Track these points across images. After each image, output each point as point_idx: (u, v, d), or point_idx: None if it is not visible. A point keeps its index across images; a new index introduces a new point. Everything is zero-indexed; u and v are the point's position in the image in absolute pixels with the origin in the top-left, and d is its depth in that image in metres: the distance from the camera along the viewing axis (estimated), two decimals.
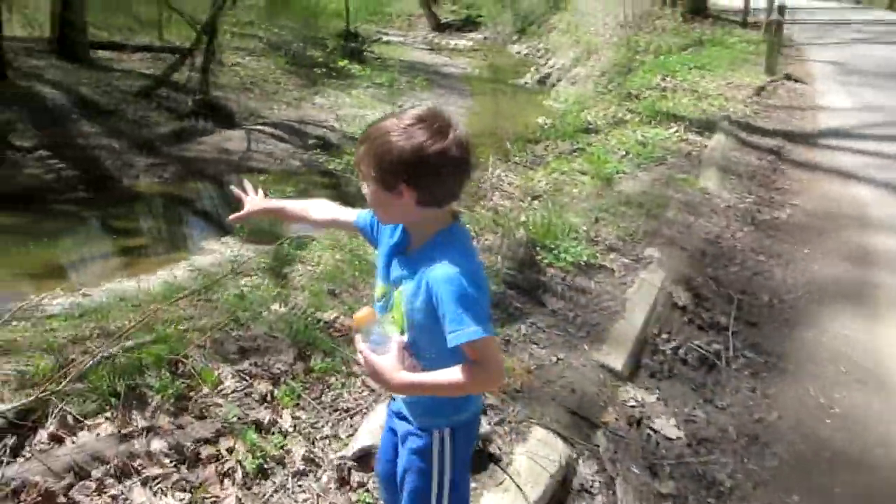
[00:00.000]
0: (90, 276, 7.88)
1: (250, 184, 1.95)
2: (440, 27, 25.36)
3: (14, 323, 5.20)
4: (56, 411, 2.56)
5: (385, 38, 20.50)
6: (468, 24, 25.30)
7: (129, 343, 3.08)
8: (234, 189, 1.95)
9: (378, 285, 1.62)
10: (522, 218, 4.14)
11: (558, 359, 3.11)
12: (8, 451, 2.35)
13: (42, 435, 2.44)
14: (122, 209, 9.63)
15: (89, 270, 8.25)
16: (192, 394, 2.61)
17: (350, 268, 4.15)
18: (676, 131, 7.56)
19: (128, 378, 2.66)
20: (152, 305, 4.04)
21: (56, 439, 2.42)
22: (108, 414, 2.54)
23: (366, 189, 1.48)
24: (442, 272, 1.39)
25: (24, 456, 2.38)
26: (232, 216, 1.90)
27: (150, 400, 2.58)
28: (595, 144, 7.05)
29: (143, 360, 2.67)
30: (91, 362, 2.74)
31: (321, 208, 1.85)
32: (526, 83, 17.30)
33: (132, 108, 11.98)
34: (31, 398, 2.56)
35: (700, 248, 4.74)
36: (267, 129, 12.46)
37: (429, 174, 1.38)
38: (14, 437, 2.45)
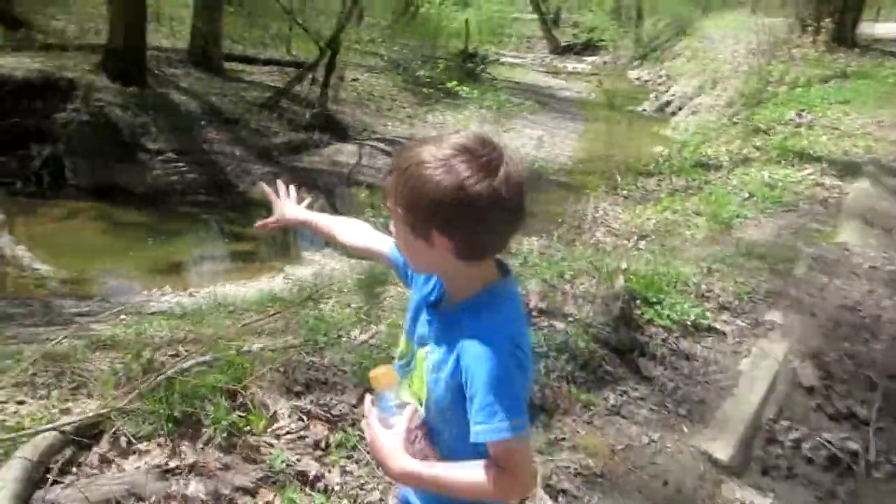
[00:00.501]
0: (198, 277, 8.22)
1: (283, 185, 1.71)
2: (559, 50, 25.04)
3: (123, 316, 5.44)
4: (112, 430, 2.49)
5: (502, 60, 20.44)
6: (588, 48, 24.82)
7: (201, 359, 3.03)
8: (265, 186, 1.72)
9: (402, 339, 1.35)
10: (624, 265, 3.75)
11: (651, 440, 2.70)
12: (58, 470, 2.30)
13: (94, 455, 2.38)
14: (236, 214, 10.00)
15: (198, 271, 8.60)
16: (246, 428, 2.46)
17: None
18: (811, 174, 6.80)
19: (186, 403, 2.57)
20: (228, 325, 4.02)
21: (105, 461, 2.35)
22: (160, 440, 2.44)
23: (393, 228, 1.22)
24: (477, 348, 1.11)
25: (74, 473, 2.32)
26: (259, 223, 1.71)
27: (203, 431, 2.46)
28: (715, 183, 6.50)
29: (204, 385, 2.56)
30: (154, 381, 2.67)
31: (354, 231, 1.58)
32: (643, 110, 16.63)
33: (255, 118, 12.52)
34: (92, 414, 2.52)
35: (835, 316, 4.04)
36: (378, 144, 12.65)
37: (470, 221, 1.08)
38: (70, 452, 2.41)
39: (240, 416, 2.49)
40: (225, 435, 2.42)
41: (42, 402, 3.42)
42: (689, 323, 3.60)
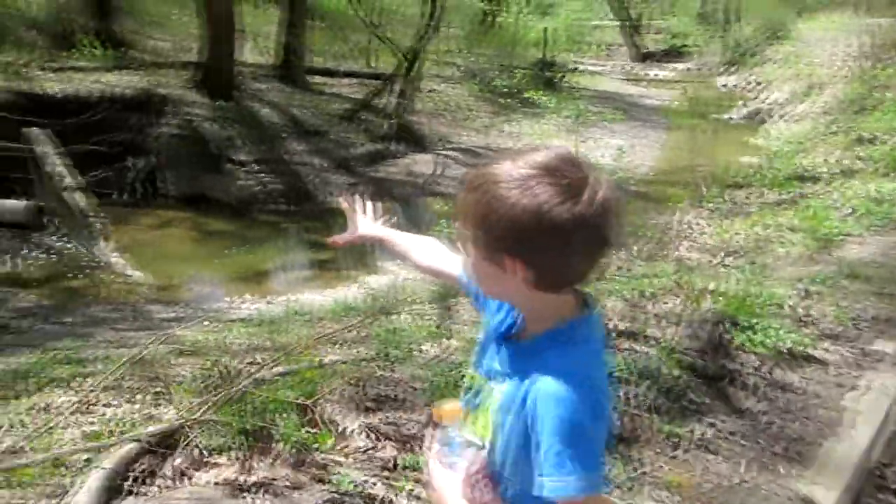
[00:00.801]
0: (277, 285, 8.43)
1: (361, 199, 1.64)
2: (641, 57, 24.40)
3: (206, 323, 5.62)
4: (187, 441, 2.52)
5: (582, 68, 20.10)
6: (672, 54, 24.06)
7: (274, 370, 3.04)
8: (344, 200, 1.64)
9: (470, 370, 1.22)
10: (711, 284, 3.51)
11: (742, 479, 2.46)
12: (133, 479, 2.33)
13: (169, 467, 2.40)
14: (315, 223, 10.21)
15: (278, 279, 8.82)
16: (316, 444, 2.43)
17: None
18: None
19: (258, 416, 2.57)
20: (303, 334, 4.05)
21: (180, 474, 2.37)
22: (233, 453, 2.45)
23: (463, 249, 1.11)
24: (551, 388, 0.99)
25: (150, 484, 2.35)
26: (334, 238, 1.62)
27: (273, 446, 2.45)
28: (812, 196, 6.08)
29: (274, 400, 2.55)
30: (228, 394, 2.69)
31: (427, 251, 1.49)
32: (731, 119, 15.91)
33: (335, 129, 12.80)
34: (169, 425, 2.55)
35: None
36: (454, 154, 12.66)
37: (547, 248, 0.98)
38: (146, 463, 2.44)
39: (309, 433, 2.46)
40: (294, 451, 2.40)
41: (128, 406, 3.53)
42: (785, 350, 3.29)
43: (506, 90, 9.41)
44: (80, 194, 8.56)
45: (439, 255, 1.48)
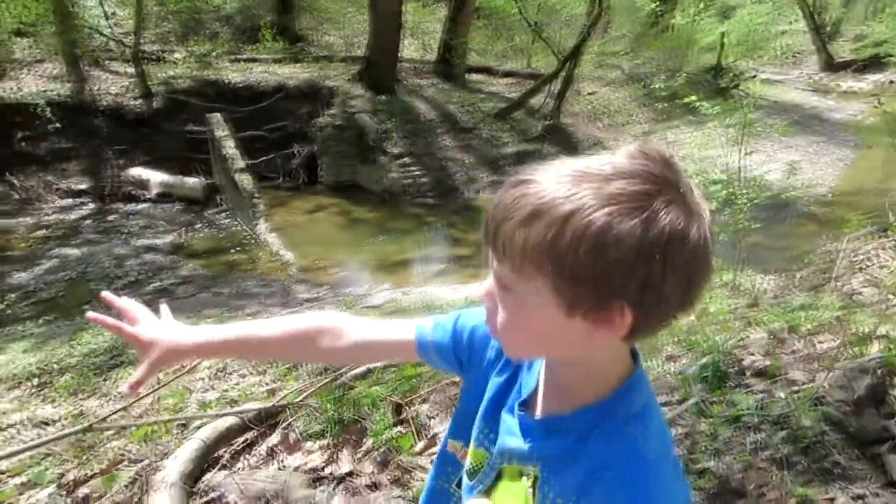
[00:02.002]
0: (415, 276, 8.59)
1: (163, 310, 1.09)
2: (832, 66, 22.05)
3: (343, 307, 5.82)
4: (286, 423, 2.56)
5: (761, 76, 18.55)
6: (870, 65, 21.50)
7: (374, 365, 3.03)
8: (97, 317, 1.05)
9: (469, 448, 0.96)
10: (883, 329, 2.99)
11: None
12: (230, 455, 2.40)
13: (264, 446, 2.45)
14: (458, 218, 10.30)
15: (416, 270, 8.97)
16: (402, 446, 2.36)
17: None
18: None
19: (355, 409, 2.55)
20: None
21: (272, 454, 2.40)
22: (324, 441, 2.45)
23: (498, 288, 0.78)
24: (639, 481, 0.76)
25: (243, 460, 2.41)
26: (126, 387, 1.03)
27: (364, 440, 2.41)
28: None
29: (367, 395, 2.52)
30: (329, 383, 2.70)
31: (334, 331, 1.03)
32: None
33: (488, 127, 12.82)
34: (270, 405, 2.61)
35: None
36: None
37: (676, 287, 0.72)
38: (244, 441, 2.51)
39: (400, 433, 2.40)
40: (383, 449, 2.34)
41: (258, 377, 3.72)
42: None
43: (668, 95, 8.87)
44: (248, 176, 9.25)
45: (357, 327, 1.03)
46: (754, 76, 17.65)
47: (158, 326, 1.03)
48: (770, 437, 2.26)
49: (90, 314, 1.05)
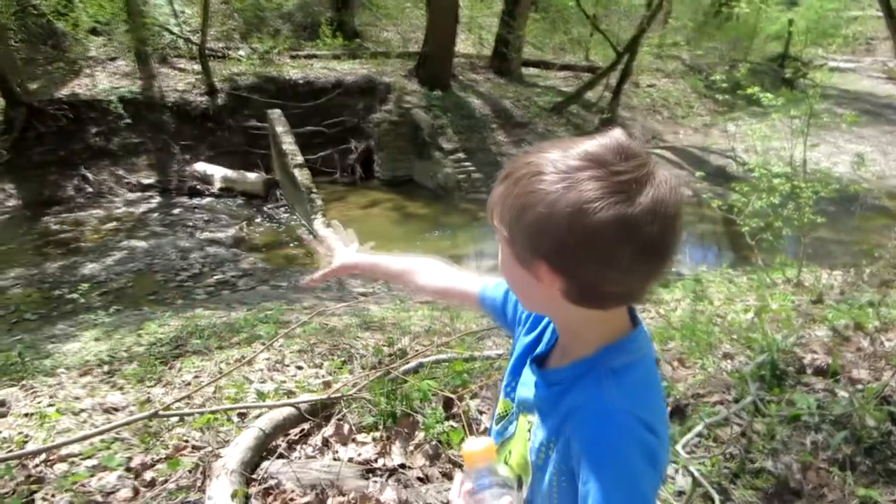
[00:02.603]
0: (469, 271, 8.61)
1: (335, 228, 1.49)
2: None
3: (398, 301, 5.90)
4: (340, 415, 2.62)
5: (831, 64, 17.78)
6: None
7: (427, 359, 3.07)
8: (309, 239, 1.51)
9: (500, 397, 1.07)
10: None
11: None
12: (287, 444, 2.47)
13: (318, 436, 2.52)
14: None
15: (469, 265, 8.98)
16: (453, 440, 2.39)
17: (707, 328, 3.41)
18: None
19: (407, 403, 2.59)
20: (476, 326, 4.04)
21: (326, 445, 2.47)
22: (376, 434, 2.50)
23: (500, 251, 0.91)
24: (594, 425, 0.83)
25: (299, 449, 2.48)
26: (310, 278, 1.48)
27: (417, 433, 2.45)
28: None
29: (419, 389, 2.56)
30: (383, 376, 2.75)
31: (430, 271, 1.33)
32: None
33: (543, 122, 12.73)
34: (325, 396, 2.68)
35: None
36: (666, 153, 11.93)
37: (588, 256, 0.79)
38: (300, 431, 2.58)
39: (451, 427, 2.43)
40: (434, 443, 2.38)
41: (314, 370, 3.82)
42: None
43: (730, 87, 8.61)
44: (305, 172, 9.45)
45: (445, 273, 1.32)
46: (824, 64, 16.92)
47: (342, 249, 1.45)
48: (831, 436, 2.19)
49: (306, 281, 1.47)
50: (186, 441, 2.50)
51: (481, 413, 2.52)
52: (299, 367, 3.87)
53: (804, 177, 5.03)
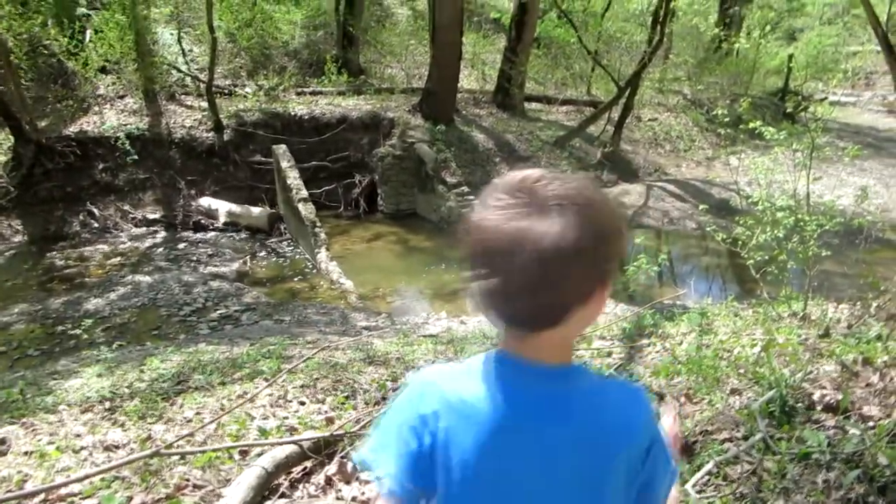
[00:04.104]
0: (473, 305, 8.58)
1: None
2: None
3: (402, 335, 5.86)
4: (343, 452, 2.59)
5: (831, 98, 17.96)
6: None
7: None
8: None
9: None
10: None
11: None
12: (289, 483, 2.44)
13: (321, 474, 2.48)
14: None
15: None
16: None
17: (714, 362, 3.38)
18: None
19: None
20: None
21: (329, 483, 2.43)
22: None
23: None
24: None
25: (301, 488, 2.44)
26: None
27: None
28: None
29: None
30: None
31: None
32: None
33: (546, 155, 12.82)
34: (328, 434, 2.65)
35: None
36: (669, 186, 11.98)
37: (474, 265, 0.97)
38: (303, 469, 2.55)
39: None
40: None
41: (317, 405, 3.78)
42: None
43: (731, 121, 8.73)
44: (310, 206, 9.51)
45: None
46: (824, 98, 17.09)
47: None
48: (843, 475, 2.14)
49: None
50: (188, 480, 2.46)
51: None
52: (302, 403, 3.83)
53: (808, 210, 5.03)
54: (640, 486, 0.95)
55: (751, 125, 6.30)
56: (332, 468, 2.49)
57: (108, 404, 3.70)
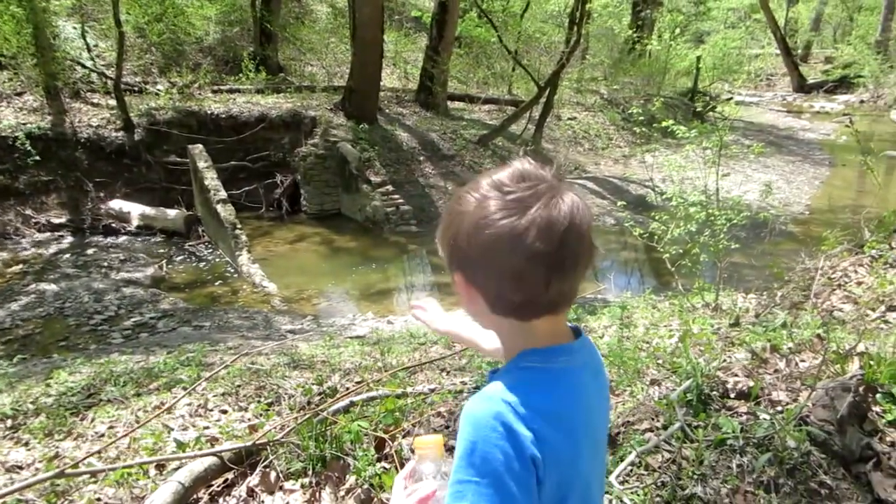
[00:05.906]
0: (398, 305, 8.53)
1: (429, 303, 1.58)
2: (804, 88, 22.58)
3: (327, 338, 5.75)
4: (266, 462, 2.50)
5: (736, 99, 18.94)
6: (841, 86, 22.04)
7: (358, 398, 2.98)
8: (416, 314, 1.59)
9: None
10: (863, 346, 3.00)
11: None
12: (208, 497, 2.33)
13: (243, 486, 2.39)
14: None
15: (399, 299, 8.92)
16: (385, 483, 2.31)
17: (635, 354, 3.47)
18: None
19: (337, 445, 2.50)
20: (410, 358, 3.98)
21: (251, 494, 2.34)
22: (305, 480, 2.39)
23: None
24: (470, 403, 0.92)
25: (222, 501, 2.34)
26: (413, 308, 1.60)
27: (348, 477, 2.36)
28: None
29: (349, 430, 2.47)
30: (309, 418, 2.65)
31: (492, 338, 1.45)
32: None
33: (469, 154, 12.91)
34: (249, 443, 2.55)
35: None
36: (588, 183, 12.30)
37: (488, 268, 0.90)
38: (224, 481, 2.45)
39: (383, 469, 2.35)
40: (366, 487, 2.29)
41: (240, 413, 3.64)
42: None
43: (646, 120, 9.06)
44: (229, 207, 9.20)
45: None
46: (730, 98, 18.00)
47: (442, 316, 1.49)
48: (755, 459, 2.24)
49: (414, 306, 1.51)
50: (99, 499, 2.32)
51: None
52: (223, 412, 3.69)
53: (718, 205, 5.27)
54: None
55: (664, 124, 6.56)
56: (254, 479, 2.40)
57: (9, 422, 3.45)
